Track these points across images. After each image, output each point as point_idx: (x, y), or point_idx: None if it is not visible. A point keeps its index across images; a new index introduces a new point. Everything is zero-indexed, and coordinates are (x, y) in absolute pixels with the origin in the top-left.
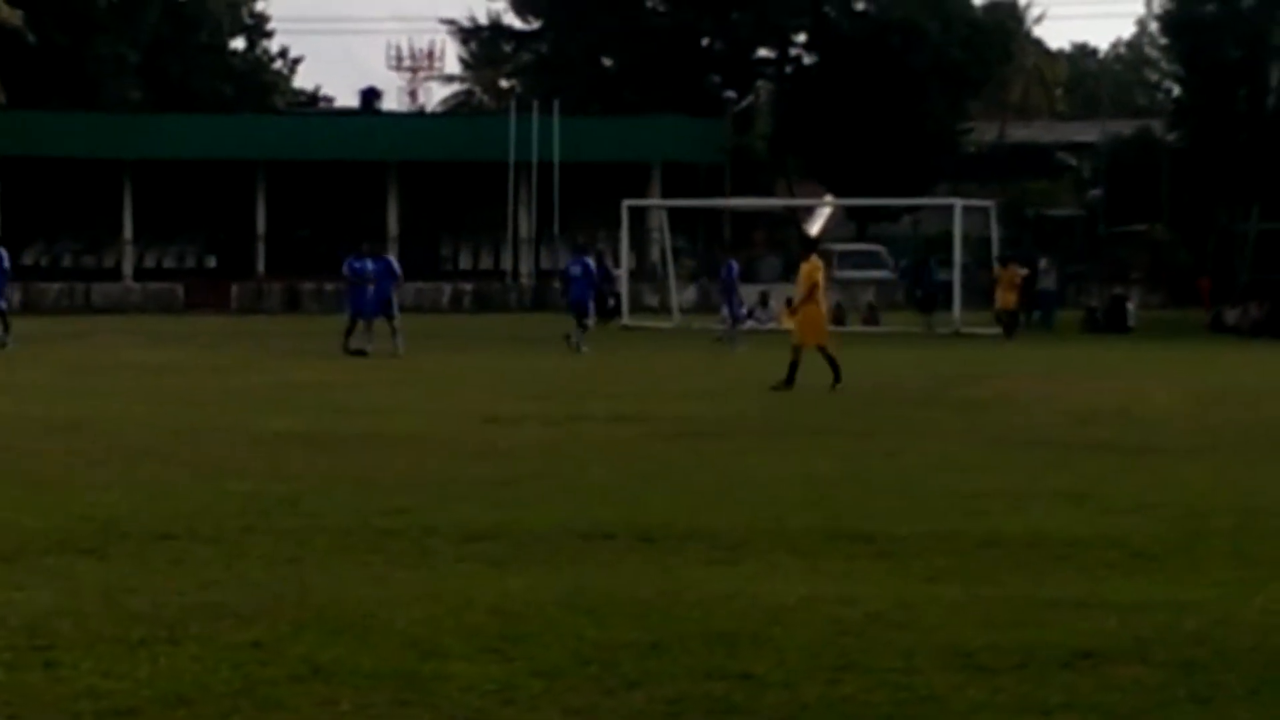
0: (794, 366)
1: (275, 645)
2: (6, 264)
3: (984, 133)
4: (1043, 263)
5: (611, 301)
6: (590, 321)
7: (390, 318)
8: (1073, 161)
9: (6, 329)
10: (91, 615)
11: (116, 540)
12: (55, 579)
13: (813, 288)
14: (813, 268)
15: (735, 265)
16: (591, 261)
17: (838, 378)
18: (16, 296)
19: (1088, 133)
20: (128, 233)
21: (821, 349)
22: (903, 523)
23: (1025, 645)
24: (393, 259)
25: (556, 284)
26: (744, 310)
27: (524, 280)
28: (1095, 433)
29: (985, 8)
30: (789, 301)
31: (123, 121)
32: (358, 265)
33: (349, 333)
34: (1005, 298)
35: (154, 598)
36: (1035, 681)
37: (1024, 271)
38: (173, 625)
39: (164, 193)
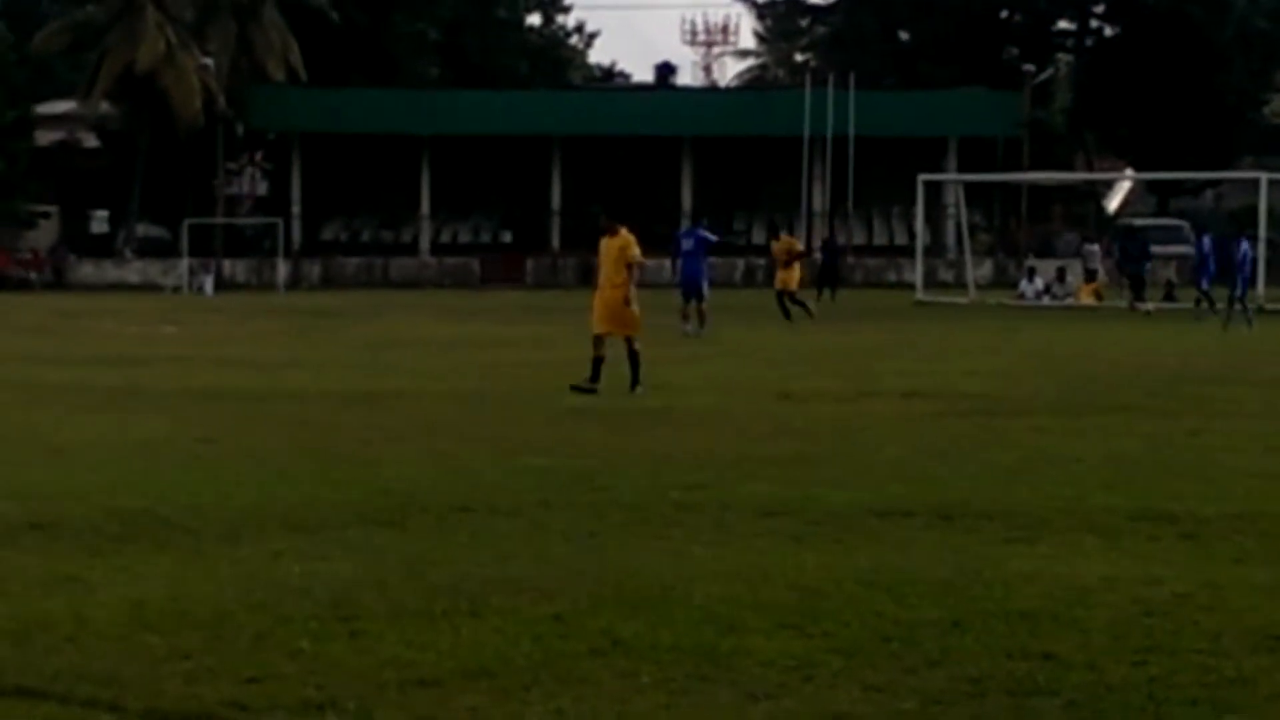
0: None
1: (575, 619)
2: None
3: None
4: None
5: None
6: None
7: (698, 299)
8: None
9: None
10: (394, 587)
11: (416, 513)
12: (357, 551)
13: (630, 267)
14: (625, 243)
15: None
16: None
17: (594, 379)
18: (316, 270)
19: None
20: (425, 208)
21: (600, 340)
22: (1207, 503)
23: None
24: (703, 232)
25: (849, 259)
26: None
27: (816, 255)
28: None
29: None
30: (1090, 275)
31: (421, 98)
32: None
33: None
34: (782, 276)
35: (455, 570)
36: None
37: (800, 246)
38: (474, 598)
39: (461, 168)
